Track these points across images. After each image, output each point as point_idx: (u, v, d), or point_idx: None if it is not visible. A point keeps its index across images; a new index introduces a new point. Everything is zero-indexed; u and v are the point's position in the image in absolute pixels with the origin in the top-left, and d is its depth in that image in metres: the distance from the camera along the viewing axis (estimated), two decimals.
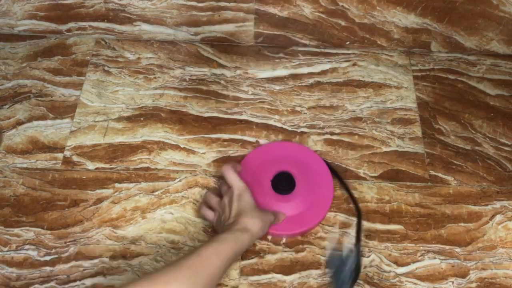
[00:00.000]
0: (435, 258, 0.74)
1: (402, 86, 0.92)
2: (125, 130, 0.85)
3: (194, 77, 0.92)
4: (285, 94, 0.90)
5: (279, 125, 0.86)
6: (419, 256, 0.74)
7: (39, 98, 0.89)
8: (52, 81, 0.91)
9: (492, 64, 0.95)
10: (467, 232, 0.76)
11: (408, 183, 0.81)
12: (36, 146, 0.83)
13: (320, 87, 0.91)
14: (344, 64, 0.94)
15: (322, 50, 0.96)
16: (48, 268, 0.72)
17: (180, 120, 0.87)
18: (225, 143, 0.84)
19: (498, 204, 0.79)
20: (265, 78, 0.92)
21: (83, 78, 0.92)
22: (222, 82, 0.92)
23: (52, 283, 0.70)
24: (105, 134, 0.85)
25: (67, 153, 0.83)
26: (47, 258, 0.73)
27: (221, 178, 0.75)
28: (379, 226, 0.76)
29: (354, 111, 0.89)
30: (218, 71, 0.93)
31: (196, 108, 0.88)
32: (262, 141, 0.82)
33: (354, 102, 0.90)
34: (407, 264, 0.73)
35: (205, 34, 0.96)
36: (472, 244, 0.75)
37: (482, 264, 0.73)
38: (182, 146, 0.84)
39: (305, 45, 0.96)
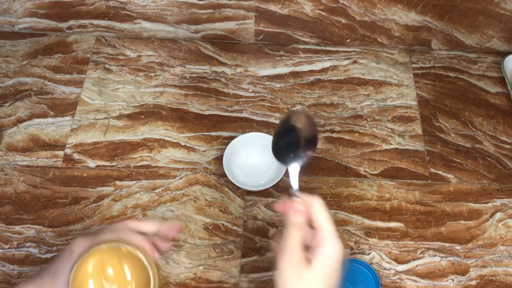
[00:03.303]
0: (435, 255, 0.74)
1: (402, 84, 0.92)
2: (126, 127, 0.86)
3: (195, 75, 0.92)
4: (286, 92, 0.90)
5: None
6: (419, 254, 0.74)
7: (40, 96, 0.89)
8: (53, 79, 0.91)
9: (493, 61, 0.95)
10: (467, 230, 0.76)
11: (408, 181, 0.81)
12: (37, 144, 0.84)
13: (321, 85, 0.91)
14: (345, 62, 0.94)
15: (323, 47, 0.96)
16: None
17: (180, 117, 0.87)
18: (226, 140, 0.84)
19: (498, 202, 0.79)
20: (265, 76, 0.92)
21: (83, 76, 0.92)
22: (223, 79, 0.92)
23: None
24: (106, 132, 0.85)
25: (68, 150, 0.83)
26: (48, 255, 0.73)
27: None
28: (380, 224, 0.76)
29: (354, 108, 0.89)
30: (219, 68, 0.93)
31: (197, 106, 0.88)
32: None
33: (354, 100, 0.90)
34: (408, 261, 0.73)
35: (205, 32, 0.96)
36: (472, 241, 0.75)
37: (482, 262, 0.73)
38: (182, 143, 0.84)
39: (305, 43, 0.96)
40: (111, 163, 0.82)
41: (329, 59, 0.95)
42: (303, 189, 0.79)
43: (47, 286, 0.53)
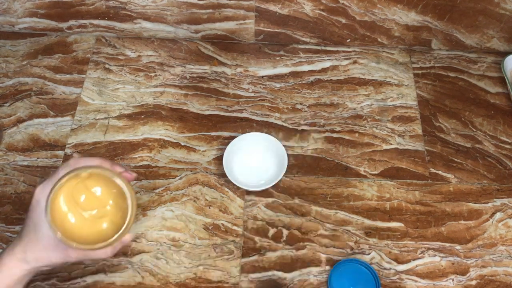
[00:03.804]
0: (435, 255, 0.74)
1: (402, 84, 0.92)
2: (126, 127, 0.86)
3: (195, 75, 0.92)
4: (286, 92, 0.90)
5: (279, 122, 0.86)
6: (419, 254, 0.74)
7: (40, 96, 0.89)
8: (53, 79, 0.91)
9: (493, 61, 0.95)
10: (467, 230, 0.76)
11: (408, 181, 0.81)
12: (37, 144, 0.84)
13: (321, 85, 0.91)
14: (345, 62, 0.94)
15: (323, 47, 0.96)
16: None
17: (180, 117, 0.87)
18: (226, 141, 0.84)
19: (498, 202, 0.79)
20: (265, 76, 0.92)
21: (83, 76, 0.92)
22: (223, 79, 0.92)
23: (53, 280, 0.71)
24: (106, 132, 0.85)
25: (68, 150, 0.83)
26: None
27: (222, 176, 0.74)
28: (380, 224, 0.76)
29: (354, 109, 0.89)
30: (219, 68, 0.93)
31: (197, 106, 0.88)
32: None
33: (354, 100, 0.90)
34: (408, 261, 0.73)
35: (205, 32, 0.96)
36: (472, 241, 0.75)
37: (482, 262, 0.73)
38: (182, 143, 0.84)
39: (305, 43, 0.96)
40: None
41: (329, 59, 0.95)
42: (303, 188, 0.80)
43: (34, 241, 0.54)
